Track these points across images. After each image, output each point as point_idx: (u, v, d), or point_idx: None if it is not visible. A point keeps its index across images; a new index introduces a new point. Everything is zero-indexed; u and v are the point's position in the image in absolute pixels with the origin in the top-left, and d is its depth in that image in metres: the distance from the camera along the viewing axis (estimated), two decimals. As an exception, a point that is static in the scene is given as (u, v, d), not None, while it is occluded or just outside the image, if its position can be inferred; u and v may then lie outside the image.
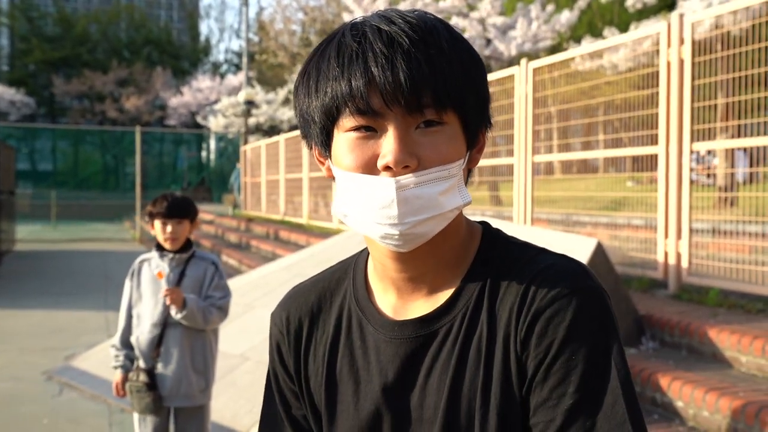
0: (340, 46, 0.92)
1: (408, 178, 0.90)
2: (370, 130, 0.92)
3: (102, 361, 6.62)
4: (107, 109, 52.92)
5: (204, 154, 43.61)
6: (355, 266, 1.11)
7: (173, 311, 3.44)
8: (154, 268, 3.58)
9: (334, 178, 0.99)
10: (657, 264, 5.87)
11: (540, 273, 0.96)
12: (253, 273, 8.44)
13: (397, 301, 1.04)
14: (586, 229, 7.13)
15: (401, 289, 1.03)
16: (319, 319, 1.10)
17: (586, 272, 0.96)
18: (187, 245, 3.60)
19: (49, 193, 27.60)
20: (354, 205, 0.94)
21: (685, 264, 5.57)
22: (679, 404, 3.88)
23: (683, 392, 3.85)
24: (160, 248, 3.60)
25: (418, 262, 1.00)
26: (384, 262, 1.02)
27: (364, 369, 1.04)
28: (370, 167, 0.92)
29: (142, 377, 3.47)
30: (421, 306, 1.02)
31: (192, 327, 3.52)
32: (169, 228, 3.50)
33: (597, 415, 0.90)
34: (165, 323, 3.52)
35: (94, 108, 54.79)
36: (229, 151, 38.31)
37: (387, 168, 0.90)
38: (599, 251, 4.92)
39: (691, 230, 5.56)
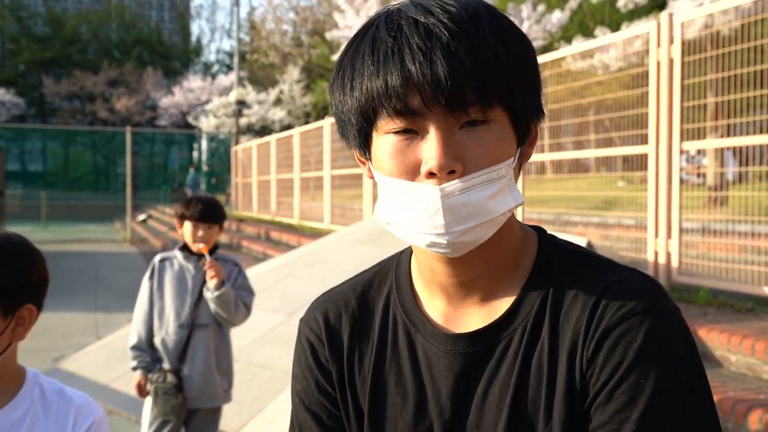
0: (375, 42, 0.85)
1: (454, 185, 0.83)
2: (411, 132, 0.85)
3: (90, 363, 6.58)
4: (98, 110, 52.76)
5: (195, 154, 43.51)
6: (397, 268, 1.04)
7: (209, 292, 3.41)
8: (177, 268, 3.56)
9: (374, 179, 0.93)
10: (647, 263, 5.87)
11: (610, 287, 0.89)
12: (243, 273, 8.40)
13: (447, 308, 0.97)
14: (578, 228, 7.13)
15: (451, 295, 0.96)
16: (362, 325, 1.02)
17: (660, 289, 0.90)
18: (214, 247, 3.60)
19: (39, 194, 27.46)
20: (397, 213, 0.88)
21: (675, 263, 5.57)
22: (669, 404, 3.87)
23: (673, 392, 3.84)
24: (184, 249, 3.59)
25: (471, 266, 0.93)
26: (432, 266, 0.95)
27: (413, 382, 0.97)
28: (413, 173, 0.85)
29: (171, 379, 3.42)
30: (475, 314, 0.95)
31: (218, 321, 3.53)
32: (200, 232, 3.50)
33: None
34: (192, 324, 3.49)
35: (84, 108, 54.62)
36: (221, 151, 38.25)
37: (431, 174, 0.84)
38: (589, 251, 4.91)
39: (680, 230, 5.57)
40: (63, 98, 56.69)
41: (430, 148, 0.84)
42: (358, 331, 1.03)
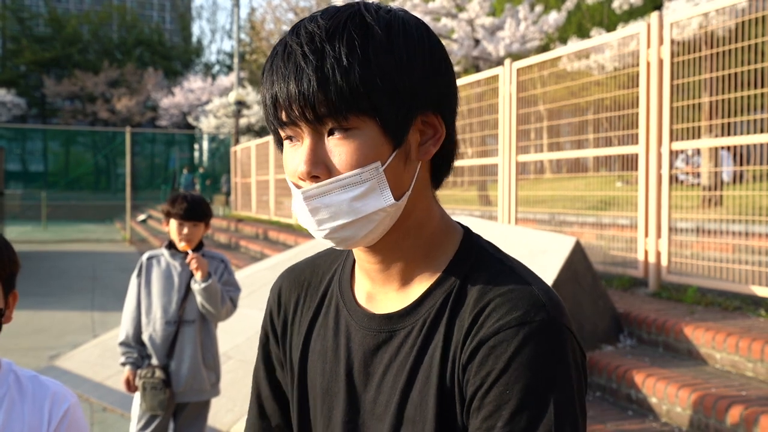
0: (265, 64, 0.98)
1: (313, 189, 0.93)
2: (296, 140, 0.96)
3: (85, 360, 6.63)
4: (98, 110, 52.88)
5: (196, 154, 43.57)
6: (350, 250, 1.13)
7: (196, 284, 3.47)
8: (164, 266, 3.62)
9: None
10: (638, 263, 5.91)
11: (498, 297, 0.93)
12: (238, 273, 8.45)
13: (372, 289, 1.06)
14: (572, 228, 7.16)
15: (374, 278, 1.05)
16: (308, 294, 1.15)
17: (543, 304, 0.92)
18: (199, 245, 3.64)
19: (40, 194, 27.53)
20: (294, 208, 0.99)
21: (664, 262, 5.61)
22: (653, 400, 3.92)
23: (657, 388, 3.89)
24: (170, 246, 3.64)
25: (385, 254, 1.01)
26: (357, 253, 1.05)
27: (332, 350, 1.07)
28: (295, 175, 0.96)
29: (159, 374, 3.48)
30: (393, 299, 1.03)
31: (204, 317, 3.58)
32: (185, 230, 3.55)
33: None
34: (179, 321, 3.55)
35: (85, 109, 54.74)
36: (221, 151, 38.28)
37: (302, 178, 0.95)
38: (577, 249, 4.96)
39: (670, 229, 5.61)
40: (64, 98, 56.80)
41: (299, 156, 0.95)
42: (303, 300, 1.15)
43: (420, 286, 1.02)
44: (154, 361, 3.55)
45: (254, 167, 18.50)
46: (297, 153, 0.96)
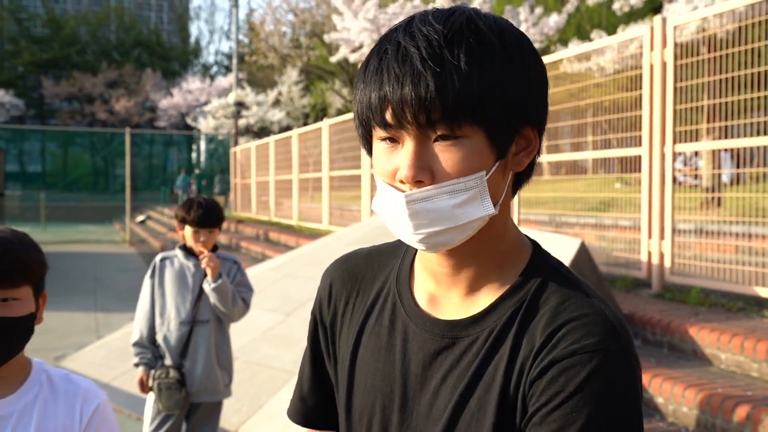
0: (369, 61, 0.97)
1: (418, 193, 0.93)
2: (394, 141, 0.95)
3: (90, 362, 6.65)
4: (97, 111, 52.88)
5: (194, 155, 43.57)
6: (409, 246, 1.10)
7: (207, 285, 3.52)
8: (178, 267, 3.66)
9: None
10: (641, 264, 5.95)
11: (572, 320, 0.94)
12: (242, 274, 8.46)
13: (434, 292, 1.05)
14: (574, 229, 7.20)
15: (440, 281, 1.04)
16: (362, 288, 1.14)
17: (618, 332, 0.93)
18: (213, 247, 3.69)
19: (39, 195, 27.52)
20: (384, 209, 0.98)
21: (668, 264, 5.65)
22: (660, 400, 3.95)
23: (663, 389, 3.92)
24: (184, 248, 3.69)
25: (458, 260, 1.01)
26: (427, 254, 1.04)
27: (386, 349, 1.06)
28: (392, 176, 0.95)
29: (173, 374, 3.51)
30: (457, 305, 1.03)
31: (218, 318, 3.63)
32: (201, 237, 3.59)
33: None
34: (194, 321, 3.59)
35: (83, 110, 54.72)
36: (219, 152, 38.30)
37: (403, 181, 0.94)
38: (583, 251, 5.00)
39: (673, 230, 5.65)
40: (62, 99, 56.76)
41: (402, 159, 0.94)
42: (356, 294, 1.14)
43: (487, 296, 1.02)
44: (168, 361, 3.57)
45: (254, 168, 18.53)
46: (397, 155, 0.95)
